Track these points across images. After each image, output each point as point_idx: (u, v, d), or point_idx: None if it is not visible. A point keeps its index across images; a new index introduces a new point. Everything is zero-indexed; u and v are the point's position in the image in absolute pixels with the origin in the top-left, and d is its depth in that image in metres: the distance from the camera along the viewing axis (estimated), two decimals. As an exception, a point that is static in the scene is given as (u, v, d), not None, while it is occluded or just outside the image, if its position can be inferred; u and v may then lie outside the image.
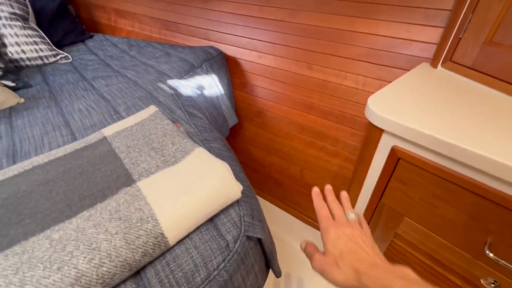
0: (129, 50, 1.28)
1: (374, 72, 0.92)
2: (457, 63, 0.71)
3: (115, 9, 1.57)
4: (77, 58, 1.24)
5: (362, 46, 0.91)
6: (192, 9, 1.33)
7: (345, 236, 0.34)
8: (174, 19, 1.40)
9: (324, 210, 0.40)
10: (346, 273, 0.31)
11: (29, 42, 1.11)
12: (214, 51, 1.19)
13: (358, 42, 0.91)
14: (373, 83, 0.93)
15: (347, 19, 0.93)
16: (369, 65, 0.92)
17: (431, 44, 0.80)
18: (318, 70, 1.04)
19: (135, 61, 1.15)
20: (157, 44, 1.31)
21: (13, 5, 1.10)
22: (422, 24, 0.81)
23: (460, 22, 0.68)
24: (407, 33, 0.85)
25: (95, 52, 1.30)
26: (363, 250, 0.33)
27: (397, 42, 0.85)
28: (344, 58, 0.96)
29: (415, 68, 0.78)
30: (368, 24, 0.89)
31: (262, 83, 1.22)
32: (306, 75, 1.08)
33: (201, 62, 1.09)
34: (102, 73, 1.05)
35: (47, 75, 1.06)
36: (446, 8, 0.77)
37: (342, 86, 0.99)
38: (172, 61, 1.08)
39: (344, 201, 0.43)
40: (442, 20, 0.78)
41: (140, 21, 1.51)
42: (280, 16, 1.06)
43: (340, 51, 0.96)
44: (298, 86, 1.11)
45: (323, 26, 0.98)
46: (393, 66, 0.88)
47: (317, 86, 1.05)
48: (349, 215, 0.40)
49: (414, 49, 0.83)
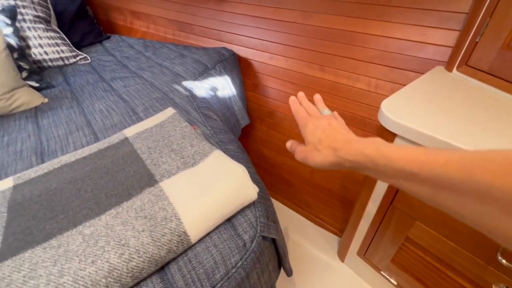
0: (145, 51, 1.31)
1: (386, 75, 0.92)
2: (473, 67, 0.70)
3: (131, 11, 1.61)
4: (95, 59, 1.28)
5: (375, 48, 0.91)
6: (206, 10, 1.35)
7: (322, 126, 0.37)
8: (188, 20, 1.42)
9: (301, 112, 0.42)
10: (325, 154, 0.33)
11: (51, 44, 1.16)
12: (227, 52, 1.21)
13: (371, 44, 0.91)
14: (386, 85, 0.93)
15: (360, 21, 0.93)
16: (381, 67, 0.92)
17: (446, 48, 0.80)
18: (330, 72, 1.05)
19: (151, 62, 1.18)
20: (172, 45, 1.34)
21: (36, 8, 1.15)
22: (437, 27, 0.81)
23: (477, 26, 0.67)
24: (422, 36, 0.84)
25: (112, 53, 1.34)
26: (339, 133, 0.35)
27: (411, 45, 0.85)
28: (357, 60, 0.96)
29: (429, 71, 0.78)
30: (382, 26, 0.89)
31: (273, 84, 1.24)
32: (317, 76, 1.08)
33: (214, 63, 1.11)
34: (120, 74, 1.09)
35: (68, 76, 1.11)
36: (462, 11, 0.76)
37: (354, 88, 1.00)
38: (187, 62, 1.10)
39: (318, 102, 0.46)
40: (458, 23, 0.78)
41: (155, 23, 1.54)
42: (292, 18, 1.07)
43: (353, 53, 0.96)
44: (310, 87, 1.12)
45: (336, 28, 0.98)
46: (407, 69, 0.88)
47: (329, 88, 1.06)
48: (323, 111, 0.42)
49: (428, 52, 0.83)
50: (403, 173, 0.24)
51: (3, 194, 0.50)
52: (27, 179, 0.54)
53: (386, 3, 0.85)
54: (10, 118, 0.84)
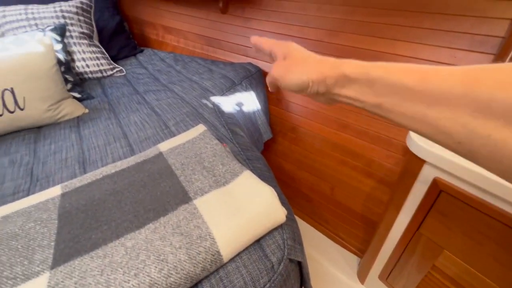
0: (175, 64, 1.39)
1: (415, 97, 0.91)
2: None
3: (163, 26, 1.72)
4: (130, 71, 1.37)
5: (404, 70, 0.91)
6: (233, 27, 1.41)
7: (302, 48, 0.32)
8: (216, 36, 1.49)
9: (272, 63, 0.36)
10: (311, 68, 0.28)
11: (92, 58, 1.26)
12: (252, 68, 1.25)
13: (400, 67, 0.91)
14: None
15: (388, 41, 0.94)
16: (410, 89, 0.91)
17: (480, 73, 0.78)
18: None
19: (181, 76, 1.25)
20: (200, 59, 1.41)
21: (82, 26, 1.26)
22: (468, 49, 0.80)
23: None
24: (452, 58, 0.83)
25: (145, 66, 1.43)
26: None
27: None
28: (384, 81, 0.96)
29: (461, 96, 0.77)
30: (411, 47, 0.89)
31: (297, 99, 1.26)
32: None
33: (241, 79, 1.15)
34: (152, 87, 1.16)
35: (106, 88, 1.20)
36: (497, 35, 0.75)
37: (380, 108, 0.99)
38: (215, 77, 1.15)
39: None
40: (493, 47, 0.76)
41: (185, 37, 1.63)
42: (319, 36, 1.09)
43: (380, 74, 0.96)
44: (334, 105, 1.13)
45: (363, 47, 0.99)
46: (437, 92, 0.87)
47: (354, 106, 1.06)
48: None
49: (460, 76, 0.82)
50: (395, 89, 0.22)
51: (53, 201, 0.56)
52: (73, 188, 0.59)
53: (416, 24, 0.85)
54: (56, 127, 0.92)
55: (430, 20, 0.84)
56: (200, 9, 1.52)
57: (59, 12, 1.20)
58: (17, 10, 1.14)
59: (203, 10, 1.51)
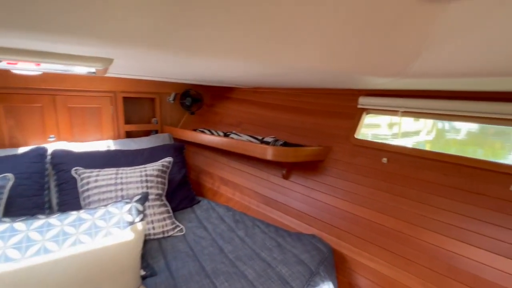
0: (236, 227, 1.36)
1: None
2: None
3: (220, 177, 1.83)
4: (190, 231, 1.33)
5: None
6: (294, 193, 1.47)
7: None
8: (275, 197, 1.54)
9: None
10: None
11: (160, 219, 1.26)
12: (323, 246, 1.19)
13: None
14: None
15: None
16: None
17: None
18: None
19: (247, 249, 1.18)
20: (262, 223, 1.39)
21: (159, 187, 1.34)
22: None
23: None
24: None
25: (204, 224, 1.40)
26: None
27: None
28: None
29: None
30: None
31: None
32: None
33: (317, 264, 1.07)
34: (220, 265, 1.07)
35: (169, 259, 1.12)
36: None
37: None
38: (288, 260, 1.08)
39: None
40: None
41: (242, 192, 1.69)
42: (368, 215, 1.09)
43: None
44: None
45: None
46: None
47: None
48: None
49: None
50: None
51: None
52: None
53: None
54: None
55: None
56: (262, 170, 1.65)
57: (144, 176, 1.29)
58: (109, 174, 1.24)
59: (264, 172, 1.64)
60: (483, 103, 1.01)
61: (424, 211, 1.06)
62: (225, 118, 2.01)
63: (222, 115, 2.05)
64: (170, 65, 0.76)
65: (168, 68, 0.87)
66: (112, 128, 1.78)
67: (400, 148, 1.19)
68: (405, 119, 1.40)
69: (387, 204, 1.16)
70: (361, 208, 1.23)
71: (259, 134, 1.72)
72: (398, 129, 2.13)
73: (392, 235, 1.11)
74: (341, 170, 1.35)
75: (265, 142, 1.55)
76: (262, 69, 0.85)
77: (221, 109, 2.08)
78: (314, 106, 1.58)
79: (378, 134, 1.89)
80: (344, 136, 1.39)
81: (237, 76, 1.14)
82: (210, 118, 2.11)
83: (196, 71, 1.02)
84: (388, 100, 1.26)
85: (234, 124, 1.93)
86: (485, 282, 0.89)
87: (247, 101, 1.94)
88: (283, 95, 1.74)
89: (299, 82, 1.29)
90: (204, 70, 0.93)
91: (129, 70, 1.05)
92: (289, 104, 1.70)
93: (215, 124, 2.04)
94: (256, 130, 1.78)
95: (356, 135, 1.36)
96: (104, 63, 0.80)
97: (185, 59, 0.57)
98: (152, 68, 0.94)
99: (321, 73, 0.89)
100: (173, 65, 0.75)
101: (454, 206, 1.00)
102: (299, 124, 1.60)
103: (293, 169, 1.52)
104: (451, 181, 1.03)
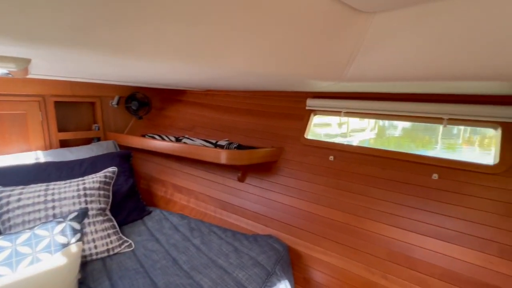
0: (192, 236, 1.30)
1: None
2: None
3: (173, 184, 1.74)
4: (140, 245, 1.23)
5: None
6: (250, 195, 1.47)
7: None
8: (231, 201, 1.52)
9: None
10: None
11: (103, 237, 1.14)
12: (279, 246, 1.22)
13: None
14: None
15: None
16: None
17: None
18: (393, 281, 1.04)
19: (203, 257, 1.14)
20: (218, 229, 1.36)
21: (101, 200, 1.21)
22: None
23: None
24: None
25: (157, 236, 1.31)
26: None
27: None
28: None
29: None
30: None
31: (322, 278, 1.19)
32: (381, 284, 1.06)
33: (273, 264, 1.08)
34: (174, 278, 1.01)
35: (115, 279, 1.01)
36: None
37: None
38: (246, 265, 1.07)
39: None
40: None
41: (197, 198, 1.64)
42: (325, 213, 1.17)
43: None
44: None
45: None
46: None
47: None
48: None
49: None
50: None
51: None
52: None
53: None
54: None
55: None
56: (217, 174, 1.62)
57: (82, 190, 1.15)
58: (36, 191, 1.07)
59: (219, 176, 1.61)
60: (412, 104, 1.14)
61: (366, 203, 1.16)
62: (176, 122, 1.92)
63: (174, 119, 1.95)
64: (101, 66, 0.69)
65: (102, 70, 0.79)
66: (42, 137, 1.55)
67: (344, 146, 1.29)
68: (353, 119, 1.53)
69: (336, 199, 1.23)
70: (314, 205, 1.29)
71: (213, 138, 1.68)
72: (347, 128, 2.30)
73: (342, 228, 1.19)
74: (294, 170, 1.40)
75: (219, 145, 1.52)
76: (204, 73, 0.83)
77: (172, 112, 1.99)
78: (267, 108, 1.61)
79: (330, 133, 2.02)
80: (295, 137, 1.45)
81: (180, 78, 1.10)
82: (161, 123, 1.99)
83: (134, 74, 0.95)
84: (332, 102, 1.35)
85: (186, 128, 1.86)
86: (417, 261, 1.01)
87: (200, 104, 1.89)
88: (236, 97, 1.74)
89: (250, 84, 1.30)
90: (142, 72, 0.87)
91: (57, 71, 0.92)
92: (242, 107, 1.70)
93: (166, 128, 1.94)
94: (209, 134, 1.74)
95: (306, 135, 1.43)
96: (19, 64, 0.69)
97: (113, 60, 0.52)
98: (84, 69, 0.84)
99: (268, 76, 0.90)
100: (105, 66, 0.68)
101: (390, 196, 1.11)
102: (253, 126, 1.61)
103: (248, 171, 1.52)
104: (387, 173, 1.15)
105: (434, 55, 0.67)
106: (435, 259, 0.98)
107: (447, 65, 0.66)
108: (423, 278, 0.99)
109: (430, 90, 1.03)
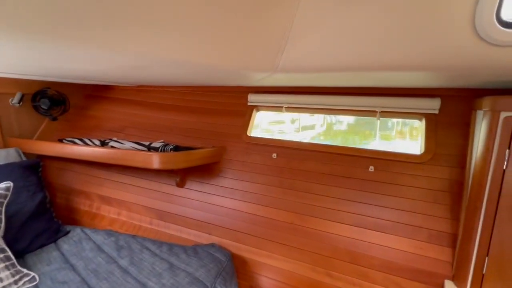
0: (119, 256, 1.10)
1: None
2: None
3: (99, 195, 1.48)
4: (47, 278, 0.99)
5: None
6: (191, 201, 1.33)
7: None
8: (169, 209, 1.36)
9: None
10: None
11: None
12: (221, 255, 1.10)
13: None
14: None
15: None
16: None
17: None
18: (337, 278, 1.02)
19: (130, 281, 0.96)
20: (152, 243, 1.18)
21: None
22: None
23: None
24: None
25: (72, 262, 1.08)
26: None
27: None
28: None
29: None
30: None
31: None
32: (326, 282, 1.03)
33: (213, 278, 0.97)
34: (88, 314, 0.82)
35: (2, 329, 0.77)
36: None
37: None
38: (181, 284, 0.93)
39: None
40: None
41: (129, 209, 1.42)
42: (268, 214, 1.12)
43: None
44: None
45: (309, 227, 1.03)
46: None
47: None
48: None
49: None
50: None
51: None
52: None
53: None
54: None
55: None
56: (152, 180, 1.43)
57: (-49, 216, 0.86)
58: None
59: (155, 182, 1.42)
60: (349, 98, 1.14)
61: (309, 200, 1.12)
62: (104, 123, 1.66)
63: (100, 119, 1.68)
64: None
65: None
66: None
67: (286, 143, 1.24)
68: (304, 116, 1.49)
69: (279, 198, 1.18)
70: (258, 206, 1.22)
71: (147, 139, 1.48)
72: (298, 124, 2.27)
73: (286, 228, 1.13)
74: (237, 170, 1.30)
75: (152, 148, 1.33)
76: (115, 60, 0.67)
77: (98, 112, 1.71)
78: (207, 105, 1.47)
79: (284, 131, 1.98)
80: (238, 135, 1.35)
81: (95, 69, 0.90)
82: (83, 124, 1.69)
83: (33, 62, 0.73)
84: (273, 97, 1.29)
85: (116, 129, 1.61)
86: (358, 255, 1.01)
87: (131, 101, 1.65)
88: (174, 93, 1.57)
89: (181, 79, 1.15)
90: (44, 59, 0.66)
91: None
92: (181, 104, 1.54)
93: (91, 130, 1.65)
94: (143, 135, 1.53)
95: (249, 133, 1.34)
96: None
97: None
98: None
99: (195, 66, 0.78)
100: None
101: (331, 191, 1.09)
102: (192, 125, 1.47)
103: (188, 175, 1.38)
104: (328, 168, 1.13)
105: (363, 44, 0.64)
106: (374, 251, 0.99)
107: (375, 53, 0.63)
108: (364, 271, 0.99)
109: (364, 84, 1.04)
